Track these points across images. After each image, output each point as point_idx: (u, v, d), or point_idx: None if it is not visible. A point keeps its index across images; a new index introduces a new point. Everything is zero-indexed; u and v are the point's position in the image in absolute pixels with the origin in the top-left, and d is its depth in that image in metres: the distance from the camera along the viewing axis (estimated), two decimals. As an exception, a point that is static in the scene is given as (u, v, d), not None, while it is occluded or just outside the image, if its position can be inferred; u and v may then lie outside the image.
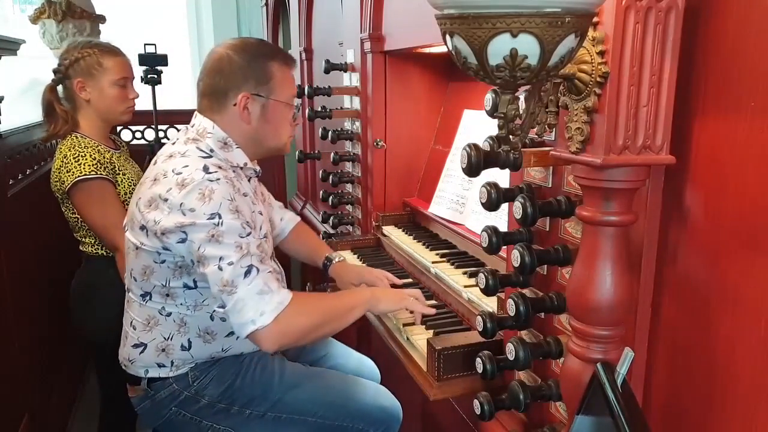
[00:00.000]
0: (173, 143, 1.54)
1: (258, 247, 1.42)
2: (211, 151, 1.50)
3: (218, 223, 1.36)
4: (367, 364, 1.90)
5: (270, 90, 1.52)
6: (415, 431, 2.05)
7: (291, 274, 3.97)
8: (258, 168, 1.65)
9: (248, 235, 1.40)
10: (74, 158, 1.99)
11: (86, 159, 1.99)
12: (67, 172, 1.98)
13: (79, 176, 1.96)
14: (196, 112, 1.57)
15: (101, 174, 1.99)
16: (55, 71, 2.12)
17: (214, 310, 1.49)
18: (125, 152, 2.27)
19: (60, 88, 2.13)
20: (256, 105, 1.52)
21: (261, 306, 1.36)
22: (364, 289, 1.67)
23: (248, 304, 1.35)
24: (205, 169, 1.41)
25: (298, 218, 2.02)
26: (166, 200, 1.39)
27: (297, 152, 2.63)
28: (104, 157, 2.05)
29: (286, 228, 1.96)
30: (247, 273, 1.36)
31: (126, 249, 1.56)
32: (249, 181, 1.61)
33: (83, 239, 2.14)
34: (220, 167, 1.45)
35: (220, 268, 1.36)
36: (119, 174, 2.08)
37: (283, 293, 1.40)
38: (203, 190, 1.37)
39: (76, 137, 2.07)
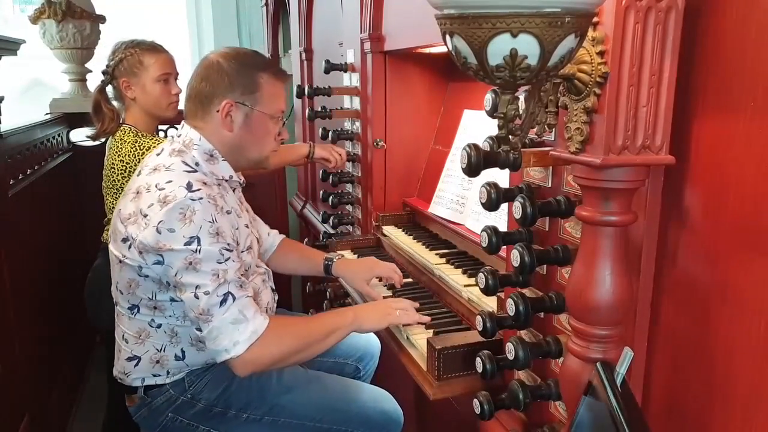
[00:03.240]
0: (158, 154, 1.53)
1: (237, 271, 1.41)
2: (197, 164, 1.48)
3: (196, 250, 1.35)
4: (372, 340, 1.92)
5: (255, 100, 1.51)
6: (415, 431, 2.05)
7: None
8: (242, 179, 1.64)
9: (227, 260, 1.39)
10: (145, 137, 2.12)
11: (155, 137, 2.12)
12: (147, 149, 2.08)
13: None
14: (183, 122, 1.56)
15: None
16: (103, 72, 2.22)
17: None
18: None
19: (110, 88, 2.23)
20: (239, 113, 1.51)
21: (235, 336, 1.37)
22: (347, 310, 1.60)
23: (222, 333, 1.37)
24: (189, 186, 1.39)
25: (283, 235, 1.99)
26: (146, 216, 1.38)
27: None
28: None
29: (275, 242, 1.93)
30: (223, 302, 1.37)
31: (111, 261, 1.55)
32: (234, 191, 1.61)
33: None
34: (204, 183, 1.43)
35: (197, 297, 1.36)
36: None
37: (258, 321, 1.40)
38: (184, 210, 1.36)
39: (129, 126, 2.18)
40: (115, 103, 2.23)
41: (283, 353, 1.43)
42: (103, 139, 2.28)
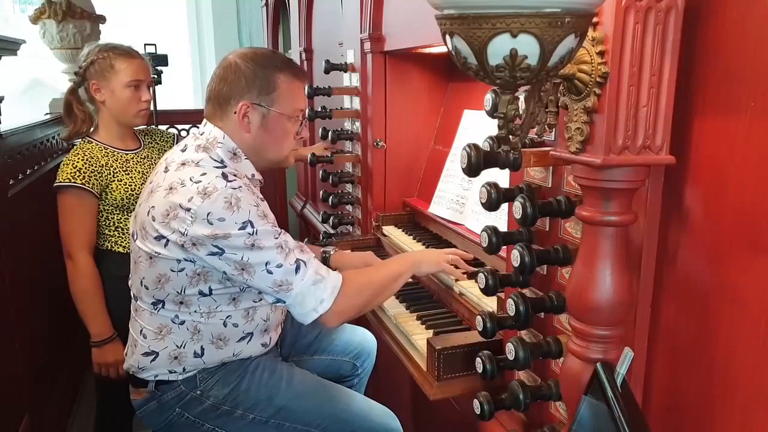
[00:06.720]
0: (183, 150, 1.53)
1: (291, 240, 1.48)
2: (221, 162, 1.49)
3: (252, 232, 1.38)
4: (368, 337, 1.96)
5: (272, 101, 1.51)
6: (415, 431, 2.05)
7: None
8: (261, 178, 1.64)
9: (281, 233, 1.45)
10: (64, 164, 2.09)
11: (68, 167, 2.07)
12: (57, 175, 2.09)
13: (56, 182, 2.08)
14: (205, 119, 1.57)
15: (76, 183, 2.05)
16: (75, 73, 2.20)
17: (228, 315, 1.52)
18: (151, 149, 2.28)
19: (82, 90, 2.20)
20: (256, 115, 1.51)
21: (318, 294, 1.45)
22: (406, 256, 1.73)
23: (307, 295, 1.45)
24: (225, 177, 1.41)
25: None
26: (188, 210, 1.38)
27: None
28: (97, 164, 2.09)
29: None
30: (297, 269, 1.44)
31: (134, 258, 1.55)
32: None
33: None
34: (235, 175, 1.45)
35: (270, 272, 1.41)
36: (115, 180, 2.10)
37: (334, 276, 1.49)
38: (228, 198, 1.38)
39: (82, 141, 2.15)
40: (89, 105, 2.20)
41: (364, 300, 1.54)
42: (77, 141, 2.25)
